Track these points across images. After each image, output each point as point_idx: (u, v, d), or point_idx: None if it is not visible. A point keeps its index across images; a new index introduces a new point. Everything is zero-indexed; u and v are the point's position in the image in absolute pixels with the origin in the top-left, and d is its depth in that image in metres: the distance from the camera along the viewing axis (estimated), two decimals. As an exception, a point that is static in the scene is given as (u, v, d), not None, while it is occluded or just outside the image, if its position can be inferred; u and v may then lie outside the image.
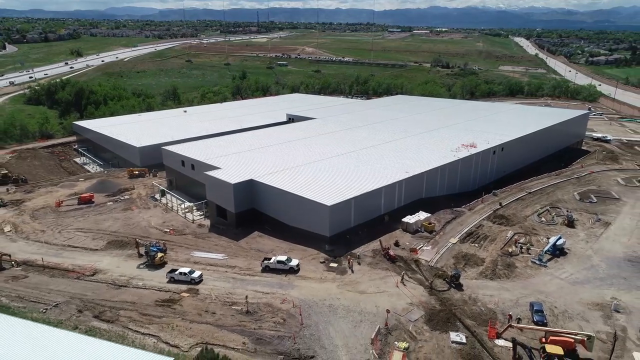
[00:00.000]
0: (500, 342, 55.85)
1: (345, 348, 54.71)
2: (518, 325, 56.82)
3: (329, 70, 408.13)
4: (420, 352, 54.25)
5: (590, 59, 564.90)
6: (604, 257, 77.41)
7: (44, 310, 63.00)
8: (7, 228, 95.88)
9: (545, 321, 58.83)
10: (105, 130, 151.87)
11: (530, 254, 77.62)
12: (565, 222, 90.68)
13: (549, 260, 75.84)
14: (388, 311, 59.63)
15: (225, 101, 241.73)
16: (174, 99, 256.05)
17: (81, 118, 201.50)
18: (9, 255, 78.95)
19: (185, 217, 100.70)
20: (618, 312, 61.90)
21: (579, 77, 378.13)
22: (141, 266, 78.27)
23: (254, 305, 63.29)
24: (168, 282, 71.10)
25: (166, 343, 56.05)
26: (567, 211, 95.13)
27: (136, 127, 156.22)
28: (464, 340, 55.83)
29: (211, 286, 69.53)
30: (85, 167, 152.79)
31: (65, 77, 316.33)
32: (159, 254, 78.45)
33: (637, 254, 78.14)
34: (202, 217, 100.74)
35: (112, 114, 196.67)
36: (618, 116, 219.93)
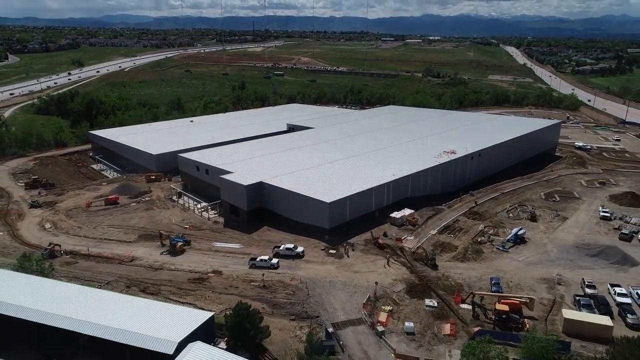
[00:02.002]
0: (463, 305, 71.24)
1: (342, 310, 69.95)
2: (478, 292, 72.22)
3: (324, 80, 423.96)
4: (401, 313, 69.57)
5: (577, 68, 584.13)
6: (557, 244, 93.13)
7: (99, 287, 77.46)
8: (47, 225, 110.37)
9: (501, 291, 74.03)
10: (120, 138, 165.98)
11: (494, 244, 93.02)
12: (529, 217, 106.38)
13: (511, 247, 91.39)
14: (376, 283, 74.95)
15: (226, 111, 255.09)
16: (178, 108, 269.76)
17: (92, 127, 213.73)
18: (59, 245, 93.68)
19: (202, 215, 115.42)
20: (560, 284, 77.43)
21: (563, 86, 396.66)
22: (164, 253, 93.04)
23: (269, 281, 78.36)
24: (250, 267, 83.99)
25: (201, 309, 70.67)
26: (532, 208, 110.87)
27: (148, 136, 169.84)
28: (436, 305, 71.12)
29: (232, 269, 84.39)
30: (103, 172, 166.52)
31: (73, 86, 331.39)
32: (179, 243, 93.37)
33: (584, 242, 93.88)
34: (216, 215, 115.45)
35: (121, 124, 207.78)
36: (593, 124, 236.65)
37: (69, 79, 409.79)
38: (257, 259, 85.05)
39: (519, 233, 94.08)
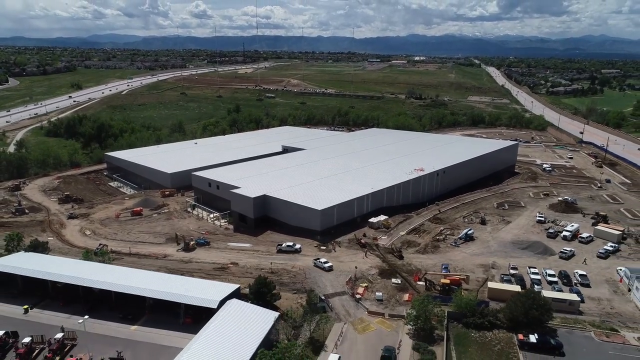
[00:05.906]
0: (420, 282, 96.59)
1: (331, 286, 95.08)
2: (431, 272, 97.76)
3: (313, 102, 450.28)
4: (374, 288, 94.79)
5: (551, 89, 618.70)
6: (498, 241, 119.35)
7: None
8: (87, 232, 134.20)
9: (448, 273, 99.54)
10: (136, 159, 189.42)
11: (446, 241, 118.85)
12: (480, 221, 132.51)
13: (462, 243, 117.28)
14: (356, 267, 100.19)
15: (224, 133, 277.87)
16: (180, 131, 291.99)
17: (102, 149, 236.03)
18: (107, 245, 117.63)
19: (214, 223, 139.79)
20: (493, 268, 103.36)
21: (536, 107, 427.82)
22: (179, 250, 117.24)
23: (275, 269, 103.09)
24: (314, 265, 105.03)
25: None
26: (483, 214, 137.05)
27: (159, 157, 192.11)
28: (399, 282, 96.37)
29: (245, 262, 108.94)
30: (120, 189, 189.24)
31: (76, 109, 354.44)
32: (192, 242, 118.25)
33: (519, 239, 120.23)
34: (226, 222, 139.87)
35: (129, 146, 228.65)
36: (553, 144, 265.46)
37: (74, 101, 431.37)
38: (318, 260, 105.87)
39: (469, 233, 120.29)
